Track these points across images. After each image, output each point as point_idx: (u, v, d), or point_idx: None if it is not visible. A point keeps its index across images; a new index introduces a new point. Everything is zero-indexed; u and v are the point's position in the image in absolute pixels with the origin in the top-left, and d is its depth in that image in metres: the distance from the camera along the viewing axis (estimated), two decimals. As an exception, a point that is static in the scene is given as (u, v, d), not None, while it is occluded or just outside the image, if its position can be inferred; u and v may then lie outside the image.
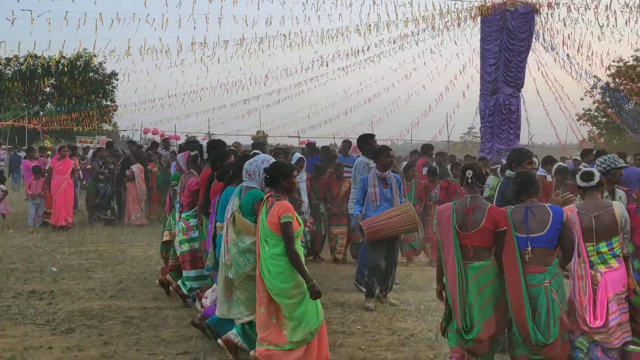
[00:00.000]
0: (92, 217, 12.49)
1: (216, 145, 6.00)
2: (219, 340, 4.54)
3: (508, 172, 5.54)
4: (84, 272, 7.88)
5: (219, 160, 5.56)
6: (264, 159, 4.66)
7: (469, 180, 4.28)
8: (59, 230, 11.42)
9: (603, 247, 4.03)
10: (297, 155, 9.62)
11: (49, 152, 16.09)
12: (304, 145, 16.59)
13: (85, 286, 7.15)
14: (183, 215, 6.13)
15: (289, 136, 30.33)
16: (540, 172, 8.95)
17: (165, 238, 6.74)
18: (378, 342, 5.29)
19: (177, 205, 6.25)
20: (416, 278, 7.84)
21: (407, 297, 6.82)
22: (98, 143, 24.74)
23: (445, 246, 4.22)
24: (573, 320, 4.05)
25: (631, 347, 4.02)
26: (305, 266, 4.19)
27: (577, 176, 4.29)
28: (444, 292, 4.32)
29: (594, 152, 10.06)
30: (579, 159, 10.62)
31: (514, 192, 4.28)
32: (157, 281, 6.81)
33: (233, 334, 4.51)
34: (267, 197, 4.32)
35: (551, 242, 4.01)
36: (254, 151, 6.74)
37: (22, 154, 18.44)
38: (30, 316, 5.87)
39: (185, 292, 6.11)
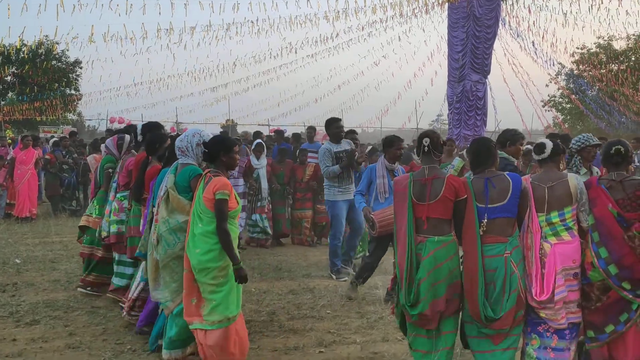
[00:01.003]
0: (56, 208, 12.22)
1: (151, 128, 5.69)
2: None
3: (500, 154, 5.23)
4: (48, 264, 7.73)
5: (157, 143, 5.27)
6: (195, 132, 4.42)
7: (426, 148, 4.05)
8: (22, 222, 11.17)
9: (555, 218, 3.87)
10: (257, 140, 9.64)
11: (9, 140, 15.68)
12: (272, 133, 16.54)
13: (50, 277, 7.01)
14: (118, 195, 5.85)
15: (259, 124, 30.13)
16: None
17: (81, 223, 6.38)
18: (347, 326, 5.33)
19: (114, 185, 5.94)
20: (386, 263, 7.89)
21: (376, 281, 6.86)
22: (62, 133, 24.16)
23: (399, 217, 4.03)
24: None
25: (588, 345, 3.88)
26: (235, 248, 4.04)
27: (532, 149, 4.13)
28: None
29: (559, 137, 10.26)
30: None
31: (470, 162, 4.13)
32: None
33: (166, 355, 4.26)
34: (206, 173, 4.16)
35: (512, 210, 3.89)
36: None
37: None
38: (-8, 309, 5.73)
39: (115, 282, 5.86)
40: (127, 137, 6.18)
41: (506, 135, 5.36)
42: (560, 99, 33.58)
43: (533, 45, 21.42)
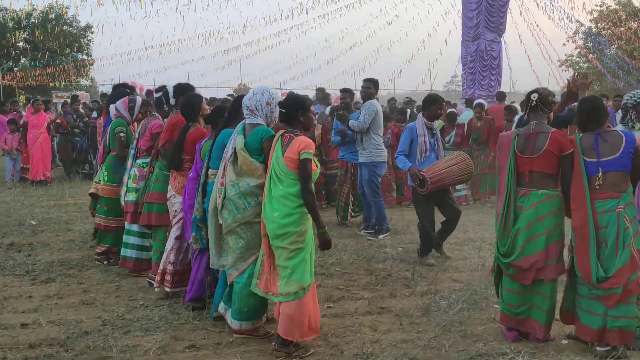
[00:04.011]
0: (69, 171, 12.36)
1: (184, 90, 5.32)
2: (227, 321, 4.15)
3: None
4: (63, 225, 7.86)
5: (196, 106, 5.02)
6: (264, 90, 4.15)
7: (534, 102, 4.07)
8: (37, 185, 11.31)
9: None
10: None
11: (20, 104, 15.81)
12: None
13: (64, 238, 7.14)
14: (139, 161, 5.56)
15: (272, 88, 29.93)
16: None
17: (91, 190, 6.14)
18: (356, 282, 5.38)
19: (133, 152, 5.66)
20: (395, 222, 7.93)
21: (385, 241, 6.91)
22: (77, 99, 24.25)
23: (502, 171, 4.16)
24: None
25: None
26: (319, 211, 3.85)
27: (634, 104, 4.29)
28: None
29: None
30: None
31: (580, 122, 4.01)
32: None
33: (222, 307, 4.20)
34: (282, 133, 3.91)
35: (625, 165, 3.80)
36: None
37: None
38: (9, 267, 5.86)
39: (128, 254, 5.59)
40: (139, 99, 5.96)
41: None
42: (578, 59, 32.85)
43: (550, 2, 20.87)
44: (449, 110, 10.20)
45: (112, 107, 6.23)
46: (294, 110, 3.93)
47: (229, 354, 3.84)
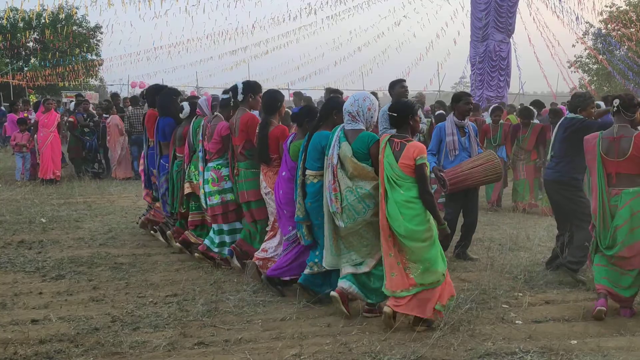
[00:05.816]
0: (79, 170, 12.45)
1: (253, 87, 5.52)
2: (332, 293, 4.34)
3: (569, 115, 5.49)
4: (73, 223, 7.91)
5: (279, 102, 5.17)
6: (365, 97, 4.32)
7: (615, 108, 4.40)
8: (47, 184, 11.39)
9: None
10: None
11: (31, 103, 15.91)
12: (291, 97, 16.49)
13: (74, 235, 7.18)
14: (212, 164, 5.66)
15: (279, 88, 29.99)
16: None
17: (186, 190, 6.08)
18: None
19: (201, 154, 5.75)
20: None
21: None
22: (84, 98, 24.39)
23: (592, 172, 4.48)
24: None
25: None
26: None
27: None
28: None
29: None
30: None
31: None
32: (174, 242, 6.31)
33: (346, 284, 4.32)
34: (390, 139, 4.14)
35: None
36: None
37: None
38: (19, 264, 5.91)
39: (214, 250, 5.72)
40: (221, 99, 6.01)
41: (576, 102, 5.47)
42: (587, 60, 32.71)
43: (560, 2, 20.81)
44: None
45: (184, 104, 6.35)
46: (405, 115, 4.16)
47: (237, 351, 3.85)
